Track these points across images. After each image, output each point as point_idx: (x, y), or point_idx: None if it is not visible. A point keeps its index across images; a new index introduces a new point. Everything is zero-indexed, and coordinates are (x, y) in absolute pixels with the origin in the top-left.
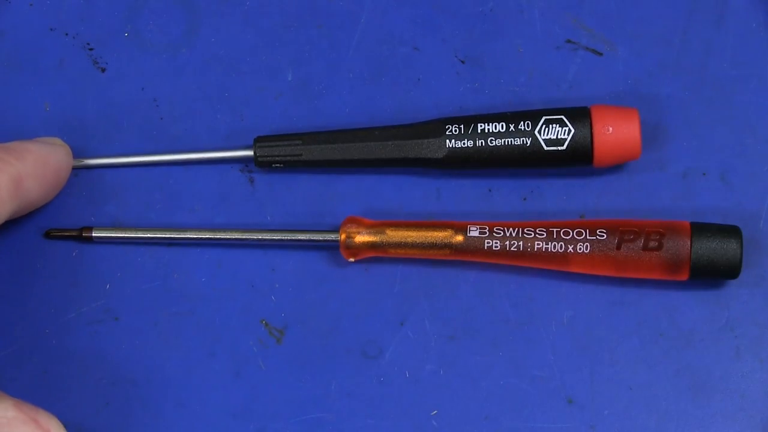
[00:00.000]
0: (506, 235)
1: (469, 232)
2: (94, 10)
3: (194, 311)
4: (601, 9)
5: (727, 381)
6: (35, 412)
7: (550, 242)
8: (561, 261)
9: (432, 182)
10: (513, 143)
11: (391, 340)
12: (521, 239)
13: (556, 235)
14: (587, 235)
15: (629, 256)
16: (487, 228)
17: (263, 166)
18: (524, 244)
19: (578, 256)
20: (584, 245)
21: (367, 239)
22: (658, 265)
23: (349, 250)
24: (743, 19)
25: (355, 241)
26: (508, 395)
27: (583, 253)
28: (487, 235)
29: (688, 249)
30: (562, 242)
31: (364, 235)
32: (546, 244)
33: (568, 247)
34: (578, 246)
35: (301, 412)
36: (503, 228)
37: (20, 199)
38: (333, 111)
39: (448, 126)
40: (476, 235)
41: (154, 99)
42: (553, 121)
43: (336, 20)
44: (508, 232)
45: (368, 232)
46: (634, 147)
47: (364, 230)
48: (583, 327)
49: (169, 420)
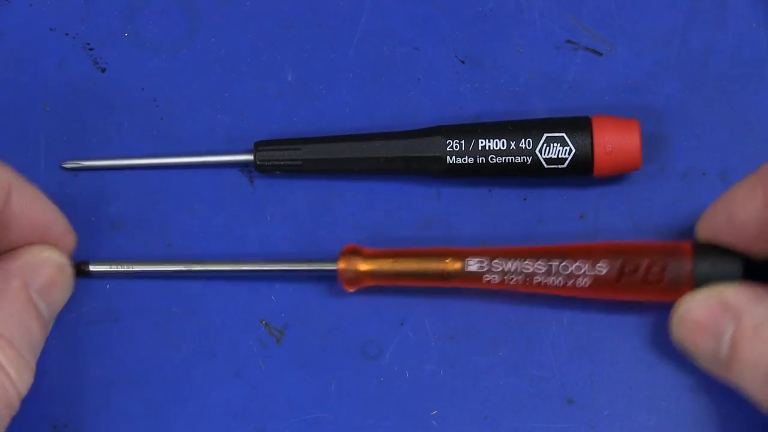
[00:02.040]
0: (504, 270)
1: (468, 267)
2: (94, 10)
3: (194, 311)
4: (601, 9)
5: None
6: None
7: (549, 277)
8: (561, 292)
9: (432, 182)
10: (513, 161)
11: (391, 340)
12: (520, 274)
13: (555, 271)
14: (587, 271)
15: (630, 288)
16: (486, 262)
17: (263, 171)
18: (523, 279)
19: (578, 290)
20: (583, 280)
21: (365, 269)
22: (660, 293)
23: (348, 281)
24: (743, 19)
25: (353, 271)
26: (508, 395)
27: (582, 287)
28: (486, 270)
29: (691, 280)
30: (561, 277)
31: (363, 265)
32: (545, 279)
33: (568, 282)
34: (578, 280)
35: (301, 412)
36: (502, 262)
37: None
38: (333, 111)
39: (449, 141)
40: (475, 270)
41: (154, 99)
42: (555, 139)
43: (336, 20)
44: (507, 266)
45: (366, 263)
46: (635, 160)
47: (362, 261)
48: (583, 327)
49: (169, 420)
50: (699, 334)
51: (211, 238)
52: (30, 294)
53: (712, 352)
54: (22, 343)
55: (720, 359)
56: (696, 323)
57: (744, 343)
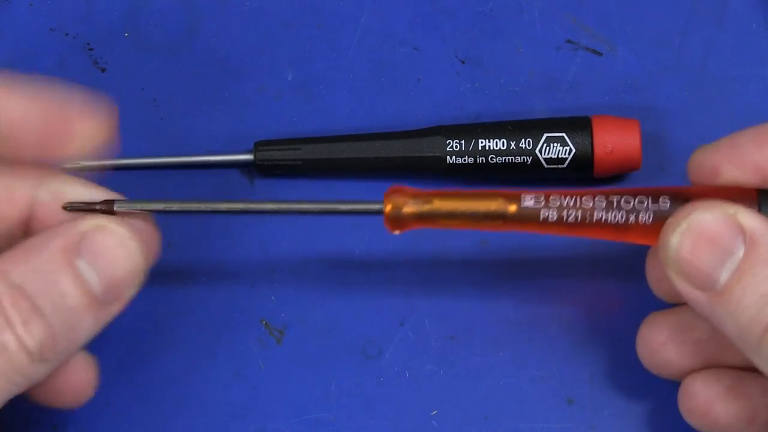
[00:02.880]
0: (563, 205)
1: (524, 202)
2: (94, 10)
3: (194, 311)
4: (601, 9)
5: None
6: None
7: (611, 212)
8: (622, 231)
9: (432, 182)
10: (513, 161)
11: (391, 340)
12: (579, 209)
13: (617, 204)
14: (649, 204)
15: None
16: (543, 197)
17: (263, 171)
18: (582, 214)
19: (640, 227)
20: (646, 215)
21: (414, 210)
22: None
23: (394, 221)
24: (743, 19)
25: (402, 212)
26: (508, 395)
27: (644, 224)
28: (543, 204)
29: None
30: (623, 212)
31: (411, 205)
32: (606, 213)
33: (630, 216)
34: (640, 216)
35: (301, 412)
36: (559, 197)
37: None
38: (333, 111)
39: (449, 141)
40: (531, 205)
41: (154, 99)
42: (554, 139)
43: (336, 20)
44: (565, 201)
45: (415, 202)
46: (635, 160)
47: (411, 201)
48: (583, 327)
49: (169, 420)
50: (704, 247)
51: (211, 238)
52: (71, 258)
53: (712, 269)
54: (45, 300)
55: (717, 280)
56: (706, 233)
57: (756, 270)
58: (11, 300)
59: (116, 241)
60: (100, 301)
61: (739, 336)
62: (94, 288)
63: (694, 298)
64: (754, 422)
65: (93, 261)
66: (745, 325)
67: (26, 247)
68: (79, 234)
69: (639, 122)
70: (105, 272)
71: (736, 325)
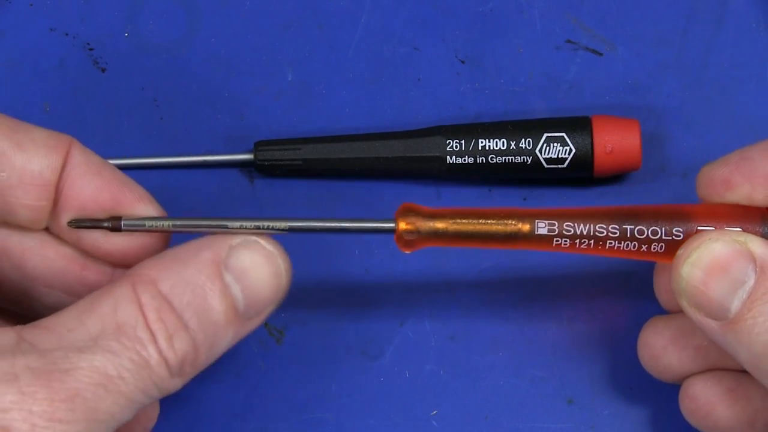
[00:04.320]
0: (576, 234)
1: (537, 229)
2: (94, 10)
3: None
4: (601, 9)
5: None
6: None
7: (623, 242)
8: (633, 256)
9: (432, 182)
10: (513, 161)
11: (391, 340)
12: (592, 238)
13: (630, 234)
14: (663, 236)
15: None
16: (557, 225)
17: (263, 171)
18: (595, 242)
19: (653, 254)
20: (659, 246)
21: (426, 229)
22: None
23: (405, 242)
24: (743, 19)
25: (414, 232)
26: (508, 395)
27: (657, 252)
28: (556, 233)
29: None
30: (635, 242)
31: (423, 225)
32: (618, 244)
33: (642, 246)
34: (652, 246)
35: (301, 412)
36: (573, 225)
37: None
38: (333, 111)
39: (449, 141)
40: (545, 233)
41: (154, 99)
42: (554, 139)
43: (336, 20)
44: (578, 229)
45: (427, 221)
46: (635, 160)
47: (423, 220)
48: (583, 327)
49: (170, 420)
50: (715, 277)
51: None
52: (220, 270)
53: (723, 298)
54: (192, 314)
55: (729, 309)
56: (717, 263)
57: (765, 297)
58: (157, 313)
59: (264, 258)
60: (242, 317)
61: (752, 363)
62: (239, 304)
63: (707, 327)
64: (754, 425)
65: (241, 276)
66: (758, 353)
67: (174, 255)
68: (228, 247)
69: (639, 122)
70: (251, 289)
71: (749, 353)
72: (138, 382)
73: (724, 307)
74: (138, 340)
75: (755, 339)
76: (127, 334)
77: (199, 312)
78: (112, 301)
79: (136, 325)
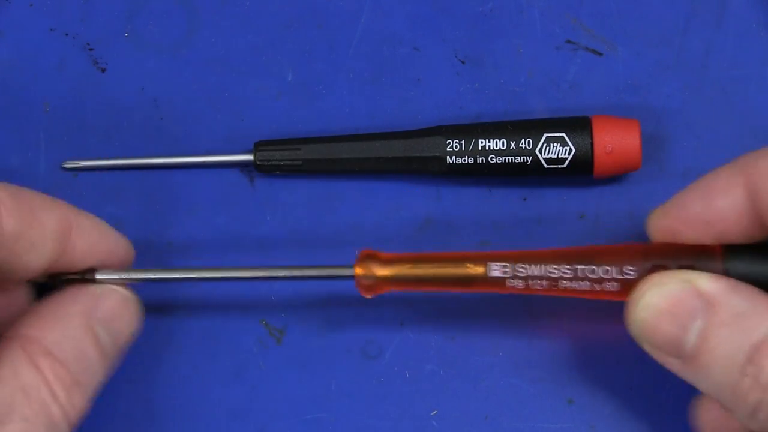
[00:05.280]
0: (529, 275)
1: (490, 272)
2: (94, 10)
3: (194, 311)
4: (601, 9)
5: None
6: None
7: (575, 282)
8: (588, 296)
9: (431, 182)
10: (513, 161)
11: (391, 340)
12: (545, 279)
13: (582, 275)
14: (615, 275)
15: None
16: (509, 267)
17: (263, 171)
18: (549, 283)
19: (605, 293)
20: (611, 284)
21: (385, 274)
22: None
23: (366, 287)
24: (743, 19)
25: (373, 277)
26: (508, 395)
27: (610, 291)
28: (510, 275)
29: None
30: (588, 282)
31: (382, 271)
32: (571, 284)
33: (595, 286)
34: (605, 285)
35: (301, 412)
36: (526, 267)
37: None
38: (333, 111)
39: (449, 141)
40: (497, 275)
41: (154, 99)
42: (554, 139)
43: (336, 20)
44: (531, 270)
45: (386, 268)
46: (635, 160)
47: (382, 266)
48: (583, 327)
49: (169, 420)
50: (666, 319)
51: (211, 238)
52: (90, 321)
53: (678, 337)
54: (77, 367)
55: (684, 347)
56: (666, 307)
57: (719, 332)
58: (53, 372)
59: (124, 304)
60: (111, 359)
61: (716, 394)
62: (108, 349)
63: (669, 365)
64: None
65: (107, 324)
66: (719, 384)
67: (49, 313)
68: (94, 297)
69: (639, 122)
70: (117, 335)
71: (711, 385)
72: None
73: (680, 345)
74: (43, 402)
75: (711, 375)
76: (32, 396)
77: (81, 362)
78: (10, 366)
79: (39, 386)
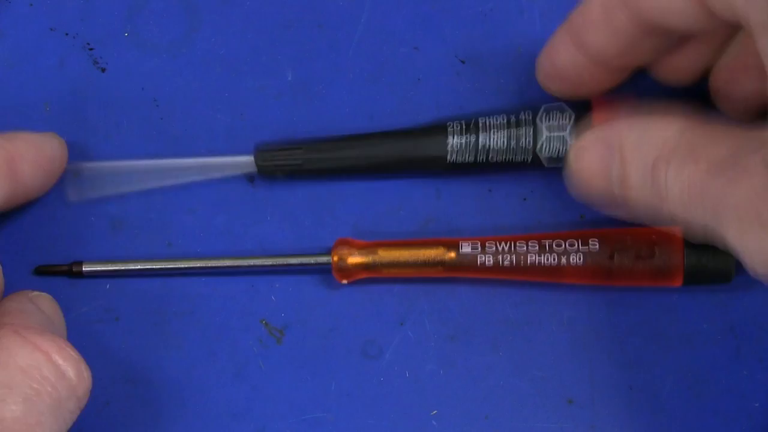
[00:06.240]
0: (498, 250)
1: (461, 249)
2: (94, 10)
3: (194, 311)
4: None
5: (727, 381)
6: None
7: (543, 255)
8: (555, 273)
9: (431, 182)
10: (514, 160)
11: (391, 340)
12: (514, 253)
13: (549, 248)
14: (579, 246)
15: (622, 266)
16: (479, 243)
17: (264, 171)
18: (517, 258)
19: (572, 268)
20: (577, 256)
21: (359, 261)
22: (651, 273)
23: (342, 272)
24: None
25: (347, 263)
26: (508, 395)
27: (576, 265)
28: (479, 250)
29: (681, 257)
30: (555, 254)
31: (356, 256)
32: (539, 257)
33: (561, 258)
34: (571, 258)
35: (301, 412)
36: (495, 243)
37: (14, 181)
38: (333, 111)
39: (450, 140)
40: (468, 251)
41: (154, 99)
42: (555, 138)
43: (336, 20)
44: (500, 246)
45: (360, 253)
46: None
47: (356, 252)
48: (583, 327)
49: (169, 420)
50: (593, 181)
51: (211, 238)
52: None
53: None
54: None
55: (617, 197)
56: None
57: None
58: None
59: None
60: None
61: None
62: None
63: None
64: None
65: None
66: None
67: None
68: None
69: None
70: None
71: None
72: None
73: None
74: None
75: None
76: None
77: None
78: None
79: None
